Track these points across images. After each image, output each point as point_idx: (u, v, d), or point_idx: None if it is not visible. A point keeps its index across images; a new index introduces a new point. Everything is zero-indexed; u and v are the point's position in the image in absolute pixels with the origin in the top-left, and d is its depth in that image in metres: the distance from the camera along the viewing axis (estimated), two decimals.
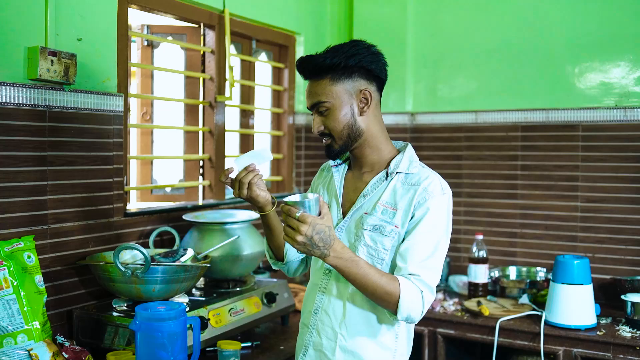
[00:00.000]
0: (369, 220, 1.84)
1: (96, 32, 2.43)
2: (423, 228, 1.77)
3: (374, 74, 1.85)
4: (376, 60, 1.85)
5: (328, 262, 1.70)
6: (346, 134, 1.83)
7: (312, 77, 1.83)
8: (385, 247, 1.81)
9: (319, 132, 1.85)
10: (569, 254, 2.93)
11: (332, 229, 1.69)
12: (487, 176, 3.51)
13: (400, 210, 1.81)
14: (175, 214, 2.80)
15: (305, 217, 1.64)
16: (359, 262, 1.72)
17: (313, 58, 1.81)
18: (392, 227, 1.81)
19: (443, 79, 3.65)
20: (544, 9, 3.36)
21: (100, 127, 2.44)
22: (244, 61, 3.42)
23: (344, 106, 1.81)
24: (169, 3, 2.82)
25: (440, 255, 1.78)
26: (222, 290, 2.61)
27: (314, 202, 1.68)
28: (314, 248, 1.66)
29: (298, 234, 1.64)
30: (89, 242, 2.42)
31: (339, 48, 1.80)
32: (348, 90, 1.81)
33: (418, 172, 1.85)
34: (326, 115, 1.82)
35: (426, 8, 3.67)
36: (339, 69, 1.79)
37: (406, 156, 1.88)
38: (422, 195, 1.79)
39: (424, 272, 1.73)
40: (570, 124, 3.29)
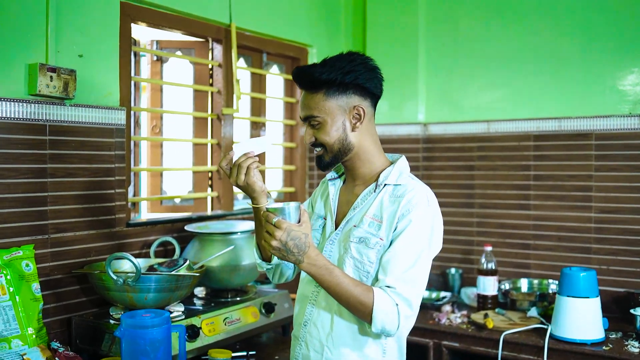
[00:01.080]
0: (355, 233, 1.85)
1: (98, 48, 2.52)
2: (404, 240, 1.76)
3: (369, 90, 1.85)
4: (372, 77, 1.85)
5: (302, 268, 1.72)
6: (337, 148, 1.85)
7: (307, 89, 1.85)
8: (371, 260, 1.81)
9: (310, 143, 1.87)
10: (576, 266, 2.86)
11: (308, 237, 1.71)
12: (500, 186, 3.47)
13: (385, 222, 1.81)
14: (179, 225, 2.86)
15: (280, 223, 1.67)
16: (333, 270, 1.73)
17: (309, 71, 1.81)
18: (377, 239, 1.81)
19: (455, 89, 3.63)
20: (556, 17, 3.31)
21: (102, 140, 2.52)
22: (254, 74, 3.47)
23: (336, 122, 1.82)
24: (175, 19, 2.89)
25: (421, 268, 1.76)
26: (221, 300, 2.65)
27: (293, 209, 1.71)
28: (289, 254, 1.69)
29: (273, 239, 1.68)
30: (90, 252, 2.49)
31: (336, 62, 1.80)
32: (341, 106, 1.82)
33: (406, 184, 1.85)
34: (318, 128, 1.83)
35: (439, 18, 3.66)
36: (334, 84, 1.80)
37: (396, 168, 1.88)
38: (405, 207, 1.79)
39: (400, 285, 1.72)
40: (583, 132, 3.23)
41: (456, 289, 3.49)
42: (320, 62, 1.83)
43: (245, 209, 3.29)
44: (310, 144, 1.88)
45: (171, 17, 2.87)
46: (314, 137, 1.86)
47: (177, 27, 2.93)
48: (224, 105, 3.14)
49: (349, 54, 1.85)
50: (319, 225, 1.99)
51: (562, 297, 2.72)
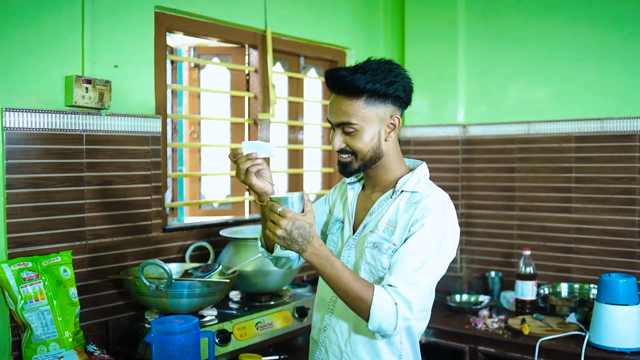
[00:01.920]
0: (369, 238, 1.85)
1: (133, 58, 2.58)
2: (414, 243, 1.76)
3: (404, 100, 1.84)
4: (409, 88, 1.84)
5: (305, 257, 1.73)
6: (369, 157, 1.84)
7: (344, 95, 1.80)
8: (383, 265, 1.81)
9: (340, 149, 1.85)
10: (616, 272, 2.79)
11: (313, 226, 1.72)
12: (540, 189, 3.40)
13: (399, 228, 1.81)
14: (215, 229, 2.91)
15: (286, 212, 1.68)
16: (334, 262, 1.73)
17: (351, 78, 1.76)
18: (389, 244, 1.81)
19: (495, 90, 3.58)
20: (598, 14, 3.22)
21: (138, 148, 2.59)
22: (291, 78, 3.50)
23: (372, 130, 1.81)
24: (211, 27, 2.94)
25: (427, 272, 1.75)
26: (255, 304, 2.69)
27: (297, 199, 1.72)
28: (293, 243, 1.70)
29: (278, 227, 1.68)
30: (127, 257, 2.57)
31: (377, 71, 1.77)
32: (379, 115, 1.80)
33: (423, 191, 1.84)
34: (352, 135, 1.82)
35: (478, 17, 3.61)
36: (376, 94, 1.77)
37: (415, 175, 1.88)
38: (420, 213, 1.79)
39: (402, 285, 1.71)
40: (626, 133, 3.13)
41: (495, 293, 3.44)
42: (358, 67, 1.79)
43: None
44: (339, 150, 1.88)
45: (206, 24, 2.92)
46: (344, 144, 1.84)
47: (213, 35, 2.98)
48: (260, 110, 3.17)
49: (385, 63, 1.81)
50: (336, 229, 2.00)
51: (601, 304, 2.66)
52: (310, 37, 3.43)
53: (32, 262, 2.21)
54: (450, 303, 3.31)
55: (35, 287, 2.18)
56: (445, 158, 3.67)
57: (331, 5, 3.55)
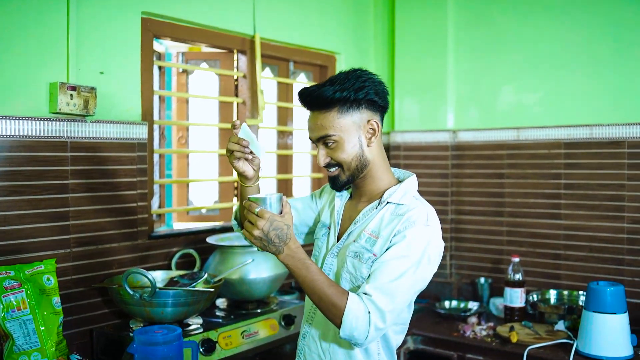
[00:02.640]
0: (351, 247, 1.85)
1: (119, 64, 2.57)
2: (393, 253, 1.75)
3: (378, 104, 1.85)
4: (381, 90, 1.84)
5: (280, 259, 1.73)
6: (354, 166, 1.84)
7: (318, 109, 1.82)
8: (363, 275, 1.81)
9: (326, 164, 1.86)
10: (604, 280, 2.78)
11: (290, 228, 1.71)
12: (530, 195, 3.40)
13: (381, 238, 1.80)
14: (202, 236, 2.89)
15: (263, 213, 1.67)
16: (310, 265, 1.73)
17: (320, 91, 1.79)
18: (370, 254, 1.80)
19: (485, 95, 3.57)
20: (589, 21, 3.22)
21: (123, 155, 2.57)
22: (280, 83, 3.48)
23: (352, 139, 1.81)
24: (198, 32, 2.92)
25: (404, 284, 1.73)
26: (241, 312, 2.68)
27: (275, 200, 1.71)
28: (270, 244, 1.69)
29: (255, 228, 1.68)
30: (112, 264, 2.55)
31: (345, 80, 1.79)
32: (355, 122, 1.81)
33: (409, 204, 1.83)
34: (333, 147, 1.81)
35: (468, 24, 3.60)
36: (347, 101, 1.79)
37: (402, 187, 1.87)
38: (403, 224, 1.78)
39: (378, 295, 1.70)
40: (615, 140, 3.13)
41: (485, 299, 3.44)
42: (327, 80, 1.83)
43: None
44: (325, 165, 1.87)
45: (194, 30, 2.90)
46: (329, 157, 1.84)
47: (201, 40, 2.96)
48: (248, 116, 3.16)
49: (354, 71, 1.84)
50: (322, 234, 2.00)
51: (589, 312, 2.65)
52: (299, 42, 3.42)
53: (15, 271, 2.19)
54: (440, 310, 3.30)
55: (18, 296, 2.16)
56: (435, 164, 3.66)
57: (321, 10, 3.53)
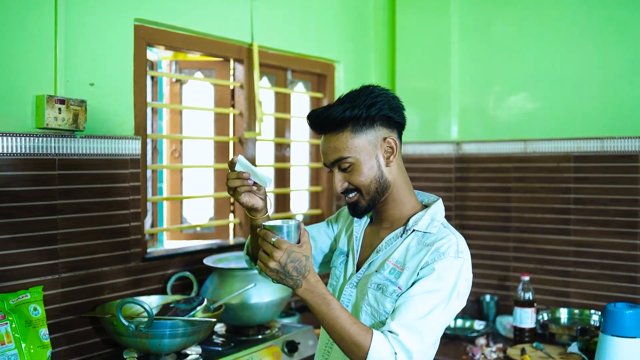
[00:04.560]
0: (374, 279, 1.70)
1: (110, 75, 2.40)
2: (422, 288, 1.61)
3: (394, 120, 1.71)
4: (395, 105, 1.71)
5: (299, 294, 1.58)
6: (374, 189, 1.70)
7: (329, 131, 1.68)
8: (387, 310, 1.66)
9: (343, 189, 1.71)
10: (621, 302, 2.66)
11: (309, 260, 1.57)
12: (538, 210, 3.27)
13: (407, 270, 1.66)
14: (199, 256, 2.73)
15: (280, 243, 1.53)
16: (331, 301, 1.58)
17: (329, 111, 1.65)
18: (394, 287, 1.66)
19: (490, 106, 3.44)
20: (599, 29, 3.10)
21: (115, 172, 2.40)
22: (278, 93, 3.33)
23: (369, 159, 1.68)
24: (194, 40, 2.76)
25: (433, 321, 1.60)
26: (241, 338, 2.52)
27: (293, 228, 1.57)
28: (287, 277, 1.55)
29: (271, 260, 1.53)
30: (104, 289, 2.38)
31: (355, 98, 1.67)
32: (371, 141, 1.68)
33: (437, 233, 1.69)
34: (350, 171, 1.68)
35: (471, 32, 3.47)
36: (360, 120, 1.66)
37: (428, 214, 1.73)
38: (432, 256, 1.64)
39: (405, 333, 1.56)
40: (627, 154, 3.01)
41: (491, 318, 3.30)
42: (336, 100, 1.70)
43: None
44: (343, 191, 1.72)
45: (189, 38, 2.75)
46: (346, 182, 1.70)
47: (196, 49, 2.80)
48: (246, 128, 3.00)
49: (365, 88, 1.71)
50: (340, 262, 1.85)
51: (606, 336, 2.52)
52: (298, 51, 3.27)
53: None
54: (446, 330, 3.16)
55: (2, 330, 1.98)
56: (438, 176, 3.52)
57: (320, 17, 3.39)
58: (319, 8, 3.37)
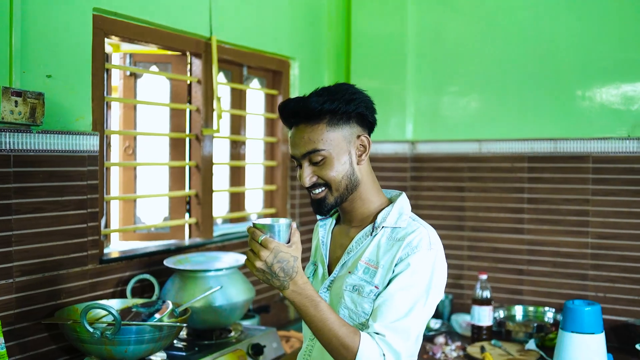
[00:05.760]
0: (348, 280, 1.68)
1: (68, 67, 2.26)
2: (400, 284, 1.60)
3: (368, 119, 1.70)
4: (371, 106, 1.71)
5: (286, 295, 1.55)
6: (344, 185, 1.67)
7: (304, 122, 1.65)
8: (366, 311, 1.65)
9: (312, 184, 1.67)
10: (579, 299, 2.72)
11: (297, 260, 1.53)
12: (492, 209, 3.32)
13: (381, 268, 1.65)
14: (157, 257, 2.62)
15: (267, 242, 1.50)
16: (319, 303, 1.55)
17: (306, 101, 1.63)
18: (371, 287, 1.64)
19: (445, 106, 3.47)
20: (553, 32, 3.17)
21: (73, 170, 2.27)
22: (234, 89, 3.25)
23: (342, 155, 1.65)
24: (151, 32, 2.65)
25: (416, 317, 1.60)
26: (205, 343, 2.43)
27: (284, 228, 1.53)
28: (273, 277, 1.51)
29: (258, 259, 1.50)
30: (60, 294, 2.24)
31: (334, 92, 1.64)
32: (346, 137, 1.66)
33: (406, 226, 1.68)
34: (321, 164, 1.64)
35: (427, 31, 3.48)
36: (337, 114, 1.63)
37: (395, 208, 1.71)
38: (405, 251, 1.63)
39: (390, 334, 1.56)
40: (580, 155, 3.09)
41: (446, 316, 3.33)
42: (312, 93, 1.66)
43: (225, 235, 3.06)
44: (310, 185, 1.68)
45: (147, 30, 2.63)
46: (315, 176, 1.66)
47: (154, 41, 2.68)
48: (203, 124, 2.90)
49: (342, 84, 1.70)
50: (310, 273, 1.82)
51: (566, 332, 2.57)
52: (254, 46, 3.19)
53: None
54: None
55: None
56: (393, 176, 3.53)
57: (276, 13, 3.32)
58: (275, 3, 3.30)
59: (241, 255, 2.62)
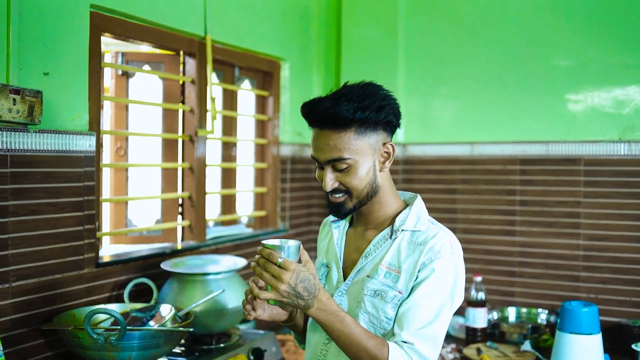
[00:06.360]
0: (369, 285, 1.65)
1: (65, 64, 2.20)
2: (425, 291, 1.59)
3: (394, 124, 1.67)
4: (398, 111, 1.67)
5: (311, 314, 1.53)
6: (366, 192, 1.64)
7: (331, 128, 1.60)
8: (388, 316, 1.62)
9: (333, 189, 1.64)
10: (576, 301, 2.74)
11: (316, 277, 1.53)
12: (484, 211, 3.33)
13: (404, 273, 1.62)
14: (152, 261, 2.56)
15: (287, 264, 1.48)
16: (344, 318, 1.54)
17: (337, 109, 1.56)
18: (395, 292, 1.62)
19: (436, 109, 3.47)
20: (545, 36, 3.19)
21: (70, 171, 2.20)
22: (225, 90, 3.20)
23: (367, 163, 1.62)
24: (146, 30, 2.59)
25: (442, 323, 1.59)
26: (204, 348, 2.38)
27: (294, 250, 1.52)
28: (298, 298, 1.50)
29: (280, 282, 1.47)
30: (56, 299, 2.17)
31: (363, 97, 1.58)
32: (372, 145, 1.62)
33: (426, 230, 1.66)
34: (346, 172, 1.61)
35: (418, 33, 3.48)
36: (366, 122, 1.59)
37: (413, 211, 1.69)
38: (428, 256, 1.61)
39: (419, 342, 1.55)
40: (571, 157, 3.12)
41: None
42: (339, 95, 1.60)
43: (218, 238, 3.01)
44: (331, 190, 1.65)
45: (142, 28, 2.57)
46: (337, 182, 1.63)
47: (148, 40, 2.63)
48: (197, 125, 2.85)
49: (368, 86, 1.64)
50: (321, 275, 1.79)
51: (564, 333, 2.59)
52: (246, 46, 3.15)
53: None
54: None
55: None
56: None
57: (268, 13, 3.29)
58: (267, 3, 3.27)
59: (239, 259, 2.57)
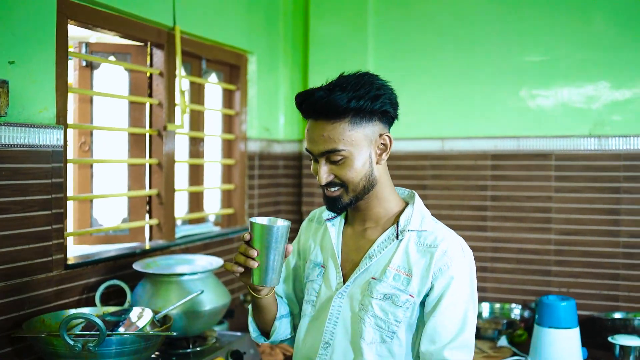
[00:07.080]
0: (378, 288, 1.58)
1: (32, 53, 2.05)
2: (448, 300, 1.54)
3: (391, 115, 1.60)
4: (395, 101, 1.61)
5: None
6: (362, 186, 1.57)
7: (325, 119, 1.54)
8: (398, 319, 1.56)
9: (328, 182, 1.57)
10: (553, 295, 2.74)
11: None
12: (455, 207, 3.31)
13: (416, 277, 1.56)
14: (122, 261, 2.43)
15: None
16: None
17: (331, 98, 1.50)
18: (407, 296, 1.56)
19: (407, 104, 3.36)
20: (515, 31, 3.19)
21: (37, 167, 2.06)
22: (192, 83, 3.08)
23: (363, 155, 1.55)
24: (113, 19, 2.46)
25: (470, 327, 1.56)
26: (180, 352, 2.27)
27: (283, 230, 1.46)
28: None
29: None
30: (24, 304, 2.03)
31: (358, 87, 1.52)
32: (368, 136, 1.56)
33: (432, 231, 1.61)
34: (341, 164, 1.55)
35: (388, 29, 3.44)
36: (361, 112, 1.53)
37: (417, 210, 1.64)
38: (442, 261, 1.56)
39: (457, 354, 1.51)
40: (542, 152, 3.13)
41: None
42: (334, 85, 1.54)
43: (187, 237, 2.90)
44: (326, 184, 1.58)
45: (110, 16, 2.44)
46: (332, 175, 1.57)
47: (116, 29, 2.50)
48: (166, 119, 2.73)
49: (364, 75, 1.58)
50: (317, 275, 1.70)
51: (543, 328, 2.58)
52: (214, 38, 3.04)
53: None
54: None
55: None
56: None
57: (235, 4, 3.18)
58: None
59: (214, 258, 2.47)
